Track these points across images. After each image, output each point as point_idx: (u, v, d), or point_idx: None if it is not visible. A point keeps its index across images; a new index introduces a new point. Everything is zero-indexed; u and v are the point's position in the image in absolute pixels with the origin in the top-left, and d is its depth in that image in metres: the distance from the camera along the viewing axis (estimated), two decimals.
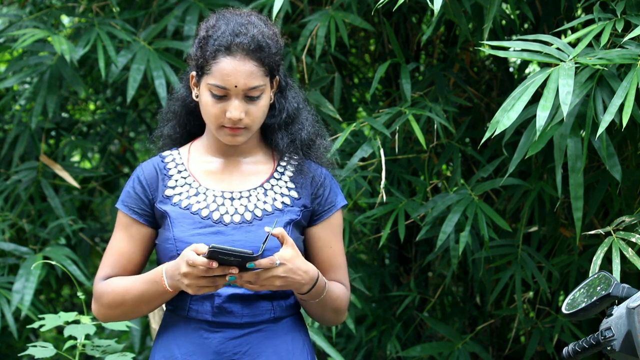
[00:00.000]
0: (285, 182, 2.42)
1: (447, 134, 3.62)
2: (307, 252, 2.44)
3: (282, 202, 2.38)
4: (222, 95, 2.32)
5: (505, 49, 2.82)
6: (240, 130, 2.34)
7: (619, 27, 2.78)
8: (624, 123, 2.54)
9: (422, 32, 4.15)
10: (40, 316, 3.04)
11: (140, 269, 2.42)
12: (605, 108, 2.64)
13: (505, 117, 2.64)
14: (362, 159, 3.51)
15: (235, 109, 2.31)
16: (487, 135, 2.67)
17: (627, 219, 2.87)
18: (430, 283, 4.42)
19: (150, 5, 4.25)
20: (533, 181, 3.36)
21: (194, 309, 2.34)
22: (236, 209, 2.36)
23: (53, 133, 4.77)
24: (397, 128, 3.38)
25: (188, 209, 2.36)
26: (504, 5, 3.54)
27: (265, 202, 2.37)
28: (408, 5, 3.81)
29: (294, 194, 2.41)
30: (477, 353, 3.77)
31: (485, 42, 2.83)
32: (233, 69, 2.30)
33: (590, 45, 2.78)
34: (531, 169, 3.39)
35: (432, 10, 2.87)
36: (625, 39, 2.71)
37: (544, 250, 3.55)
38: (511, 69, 4.25)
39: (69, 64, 3.90)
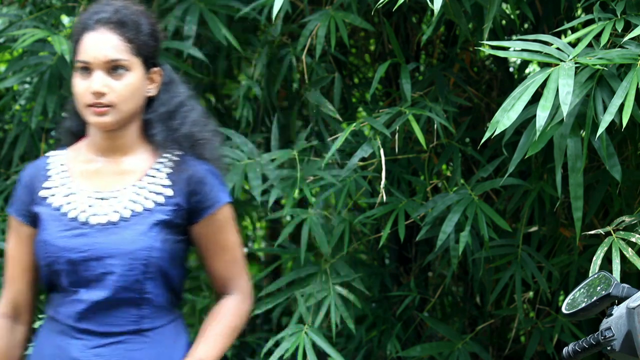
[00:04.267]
0: (161, 179, 2.31)
1: (447, 134, 3.62)
2: (197, 250, 2.38)
3: (154, 201, 2.28)
4: (86, 70, 2.25)
5: (505, 49, 2.82)
6: (106, 109, 2.24)
7: (619, 27, 2.78)
8: (624, 123, 2.53)
9: (422, 32, 4.14)
10: (40, 316, 3.03)
11: (32, 274, 2.37)
12: (605, 108, 2.63)
13: (505, 117, 2.64)
14: (362, 159, 3.51)
15: (95, 81, 2.23)
16: (487, 135, 2.67)
17: (627, 219, 2.87)
18: (430, 283, 4.42)
19: (150, 5, 4.24)
20: (533, 181, 3.35)
21: (61, 312, 2.29)
22: (105, 209, 2.28)
23: (53, 133, 4.77)
24: (397, 128, 3.38)
25: (59, 209, 2.29)
26: (504, 5, 3.54)
27: (135, 202, 2.28)
28: (408, 5, 3.80)
29: (169, 191, 2.30)
30: (477, 353, 3.77)
31: (485, 42, 2.83)
32: (93, 42, 2.25)
33: (590, 45, 2.78)
34: (531, 169, 3.39)
35: (432, 10, 2.87)
36: (625, 39, 2.71)
37: (544, 250, 3.54)
38: (511, 69, 4.25)
39: (69, 64, 3.89)
